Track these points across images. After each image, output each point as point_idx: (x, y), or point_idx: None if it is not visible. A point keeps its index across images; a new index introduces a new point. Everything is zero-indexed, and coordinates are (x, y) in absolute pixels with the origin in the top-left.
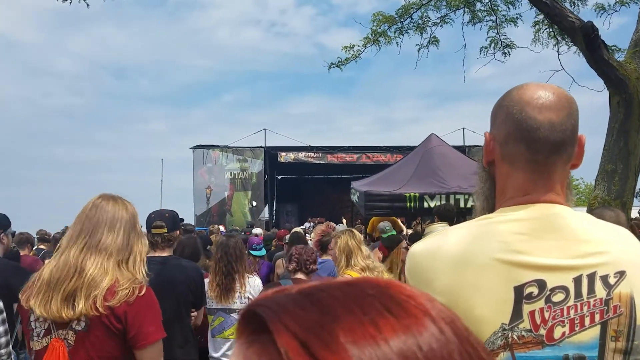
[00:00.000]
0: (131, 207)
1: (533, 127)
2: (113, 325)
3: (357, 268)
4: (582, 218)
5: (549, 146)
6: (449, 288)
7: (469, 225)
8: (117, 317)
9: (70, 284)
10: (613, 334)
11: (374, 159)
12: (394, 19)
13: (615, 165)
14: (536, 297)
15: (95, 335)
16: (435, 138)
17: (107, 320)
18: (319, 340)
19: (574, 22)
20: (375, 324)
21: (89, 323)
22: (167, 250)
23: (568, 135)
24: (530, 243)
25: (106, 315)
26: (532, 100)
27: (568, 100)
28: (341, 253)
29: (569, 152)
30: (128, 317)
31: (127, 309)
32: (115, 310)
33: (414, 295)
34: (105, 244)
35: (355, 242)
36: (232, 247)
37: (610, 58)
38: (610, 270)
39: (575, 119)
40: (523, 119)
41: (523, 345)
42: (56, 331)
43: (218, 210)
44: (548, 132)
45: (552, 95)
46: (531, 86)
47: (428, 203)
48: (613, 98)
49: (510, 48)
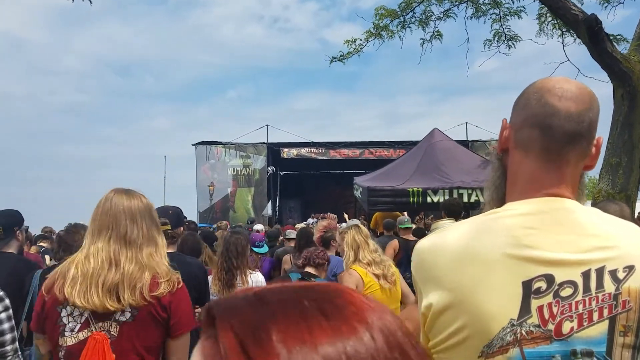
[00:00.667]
0: (145, 199)
1: (549, 112)
2: (159, 314)
3: (364, 262)
4: (591, 212)
5: (563, 135)
6: (455, 284)
7: (476, 220)
8: (162, 306)
9: (109, 277)
10: (622, 329)
11: (377, 154)
12: (396, 13)
13: (620, 159)
14: (544, 292)
15: (142, 325)
16: (438, 133)
17: (153, 310)
18: (254, 340)
19: (577, 15)
20: (309, 327)
21: (135, 313)
22: (171, 247)
23: (584, 128)
24: (538, 237)
25: (153, 305)
26: (554, 89)
27: (590, 97)
28: (349, 248)
29: (584, 146)
30: (172, 306)
31: (171, 298)
32: (162, 300)
33: (358, 303)
34: (132, 236)
35: (362, 236)
36: (232, 244)
37: (614, 51)
38: (619, 265)
39: (594, 116)
40: (541, 105)
41: (531, 340)
42: (96, 324)
43: (221, 207)
44: (564, 121)
45: (574, 88)
46: (556, 78)
47: (431, 198)
48: (617, 91)
49: (515, 40)
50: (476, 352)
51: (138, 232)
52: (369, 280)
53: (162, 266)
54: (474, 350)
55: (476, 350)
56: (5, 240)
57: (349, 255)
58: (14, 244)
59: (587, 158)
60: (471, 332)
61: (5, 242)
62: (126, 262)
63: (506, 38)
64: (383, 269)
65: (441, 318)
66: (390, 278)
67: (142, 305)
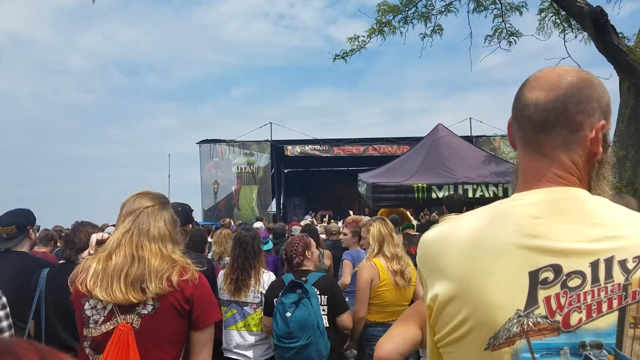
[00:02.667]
0: (165, 199)
1: (521, 105)
2: (181, 307)
3: (388, 256)
4: (600, 202)
5: (533, 124)
6: (461, 274)
7: (482, 211)
8: (185, 298)
9: (134, 270)
10: (632, 321)
11: (381, 150)
12: (398, 9)
13: (627, 152)
14: (552, 283)
15: (164, 318)
16: (442, 128)
17: (176, 302)
18: None
19: (583, 8)
20: None
21: (157, 306)
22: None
23: (554, 115)
24: (545, 227)
25: (175, 297)
26: (530, 81)
27: (569, 84)
28: (374, 241)
29: (563, 133)
30: (194, 298)
31: (193, 290)
32: (185, 292)
33: None
34: (155, 233)
35: (387, 229)
36: (250, 244)
37: (620, 43)
38: (629, 255)
39: (575, 101)
40: (517, 99)
41: (539, 332)
42: (120, 316)
43: (225, 205)
44: (532, 111)
45: (553, 76)
46: (545, 69)
47: (436, 194)
48: (623, 83)
49: (516, 36)
50: (482, 344)
51: (160, 229)
52: (385, 277)
53: (184, 260)
54: (480, 342)
55: (482, 342)
56: (18, 238)
57: (374, 247)
58: (26, 243)
59: (581, 144)
60: (476, 323)
61: (18, 241)
62: (151, 256)
63: (507, 34)
64: (402, 266)
65: (447, 309)
66: (407, 276)
67: (164, 298)
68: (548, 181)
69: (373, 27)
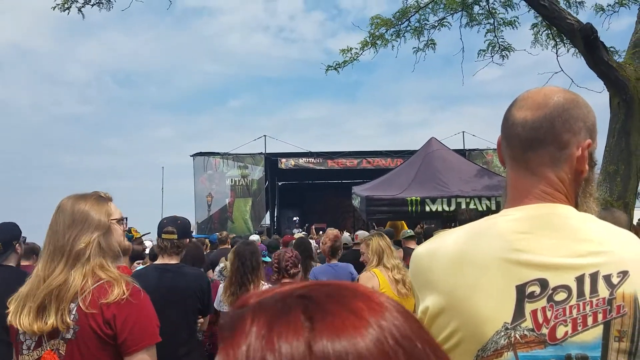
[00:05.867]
0: (98, 204)
1: (510, 123)
2: (102, 331)
3: (388, 266)
4: (585, 218)
5: (520, 142)
6: (450, 287)
7: (471, 226)
8: (106, 322)
9: (38, 295)
10: (617, 334)
11: (375, 163)
12: (391, 22)
13: (617, 166)
14: (538, 296)
15: (85, 343)
16: (435, 142)
17: (95, 325)
18: None
19: (573, 24)
20: None
21: (77, 330)
22: (175, 257)
23: (541, 134)
24: (532, 242)
25: (94, 319)
26: (518, 101)
27: (556, 104)
28: (373, 254)
29: (550, 151)
30: (117, 321)
31: (116, 312)
32: (105, 314)
33: None
34: (67, 246)
35: (385, 242)
36: (248, 258)
37: (609, 59)
38: (613, 270)
39: (562, 120)
40: (506, 118)
41: (525, 344)
42: (48, 342)
43: (219, 218)
44: (520, 129)
45: (540, 96)
46: (532, 89)
47: (429, 207)
48: (613, 99)
49: (509, 51)
50: (471, 356)
51: (74, 242)
52: (385, 285)
53: (102, 274)
54: (469, 354)
55: (471, 355)
56: (5, 254)
57: (373, 260)
58: (13, 257)
59: (567, 162)
60: (465, 336)
61: (5, 256)
62: (58, 275)
63: (500, 48)
64: (403, 275)
65: (437, 322)
66: (409, 285)
67: (83, 322)
68: (536, 198)
69: (366, 40)
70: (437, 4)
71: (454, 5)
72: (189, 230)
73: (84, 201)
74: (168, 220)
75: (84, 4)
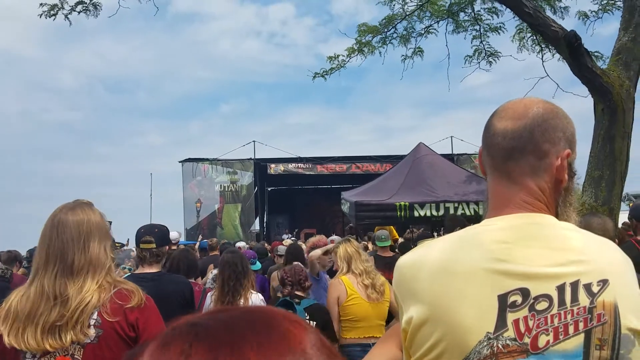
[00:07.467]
0: (93, 212)
1: (490, 133)
2: (126, 334)
3: (357, 272)
4: (566, 227)
5: (501, 152)
6: (433, 297)
7: (453, 236)
8: (130, 325)
9: (52, 315)
10: (597, 343)
11: (364, 168)
12: (377, 29)
13: (602, 172)
14: (520, 306)
15: (108, 346)
16: (423, 147)
17: (119, 328)
18: None
19: (557, 32)
20: None
21: (100, 333)
22: (156, 266)
23: (521, 143)
24: (513, 251)
25: (119, 323)
26: (498, 111)
27: (535, 114)
28: (342, 261)
29: (530, 161)
30: (140, 323)
31: (138, 315)
32: (129, 317)
33: None
34: (80, 264)
35: (353, 248)
36: (238, 265)
37: (593, 66)
38: (593, 279)
39: (541, 130)
40: (486, 128)
41: (508, 354)
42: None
43: (208, 224)
44: (500, 139)
45: (520, 106)
46: (512, 100)
47: (418, 212)
48: (597, 105)
49: (495, 56)
50: None
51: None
52: (352, 292)
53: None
54: None
55: None
56: None
57: (342, 267)
58: None
59: (547, 171)
60: (448, 346)
61: None
62: (74, 294)
63: (486, 54)
64: (373, 278)
65: (420, 332)
66: (379, 288)
67: (107, 324)
68: (516, 207)
69: (352, 47)
70: (423, 12)
71: (440, 12)
72: (167, 238)
73: (81, 211)
74: (145, 229)
75: (71, 10)
